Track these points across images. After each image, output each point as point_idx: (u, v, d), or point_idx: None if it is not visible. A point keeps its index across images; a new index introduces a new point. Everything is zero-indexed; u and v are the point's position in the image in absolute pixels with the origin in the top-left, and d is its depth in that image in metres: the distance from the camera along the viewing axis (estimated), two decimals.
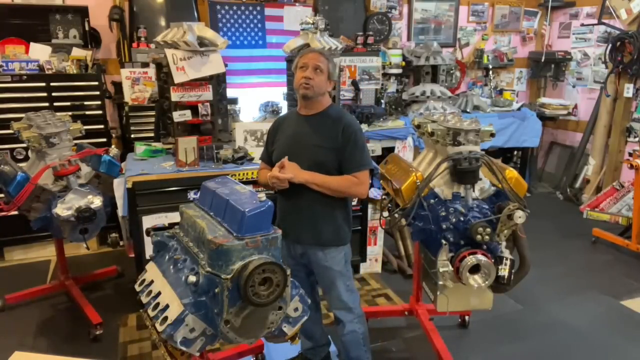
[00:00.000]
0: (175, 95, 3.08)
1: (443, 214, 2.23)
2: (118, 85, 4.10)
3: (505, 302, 3.23)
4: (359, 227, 3.52)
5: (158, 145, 3.34)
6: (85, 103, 3.81)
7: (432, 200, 2.27)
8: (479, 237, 2.11)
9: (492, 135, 2.33)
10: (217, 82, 3.24)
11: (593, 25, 5.39)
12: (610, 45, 5.04)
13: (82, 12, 4.06)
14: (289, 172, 2.12)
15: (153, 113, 3.53)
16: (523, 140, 5.20)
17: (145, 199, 2.89)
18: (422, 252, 2.52)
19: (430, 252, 2.33)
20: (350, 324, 2.31)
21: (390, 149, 4.28)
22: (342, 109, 2.37)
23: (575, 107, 5.77)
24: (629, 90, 5.02)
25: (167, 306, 1.66)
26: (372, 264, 3.76)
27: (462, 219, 2.20)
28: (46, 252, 3.98)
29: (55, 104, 3.67)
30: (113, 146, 3.59)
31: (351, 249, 2.37)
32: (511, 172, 2.31)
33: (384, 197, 2.74)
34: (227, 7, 4.65)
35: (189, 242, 1.79)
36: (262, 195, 1.68)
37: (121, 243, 3.89)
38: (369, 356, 2.40)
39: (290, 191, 2.20)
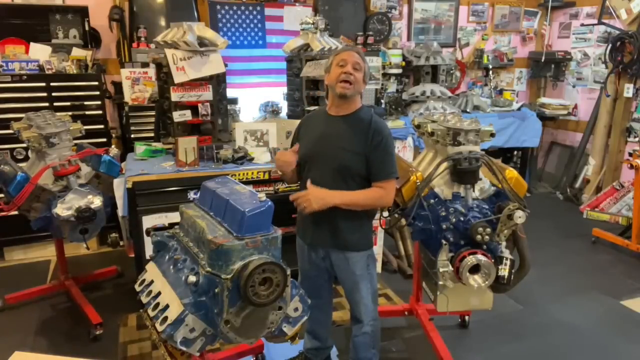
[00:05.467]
0: (175, 95, 3.07)
1: (443, 214, 2.23)
2: (118, 85, 4.10)
3: (505, 302, 3.23)
4: None
5: (158, 145, 3.34)
6: (85, 103, 3.81)
7: (432, 200, 2.27)
8: (479, 237, 2.11)
9: (492, 135, 2.33)
10: (217, 82, 3.24)
11: (593, 25, 5.39)
12: (610, 45, 5.04)
13: (82, 12, 4.06)
14: (315, 204, 2.03)
15: (153, 113, 3.53)
16: (523, 140, 5.20)
17: (145, 199, 2.89)
18: (422, 252, 2.52)
19: (430, 252, 2.33)
20: (367, 326, 2.30)
21: None
22: (372, 111, 2.27)
23: (575, 107, 5.77)
24: (629, 90, 5.02)
25: (167, 306, 1.66)
26: None
27: (462, 219, 2.20)
28: (46, 252, 3.98)
29: (55, 104, 3.67)
30: (113, 146, 3.59)
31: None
32: (511, 172, 2.31)
33: None
34: (227, 7, 4.65)
35: (189, 242, 1.79)
36: (262, 195, 1.68)
37: (121, 243, 3.89)
38: (377, 359, 2.40)
39: None
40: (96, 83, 3.86)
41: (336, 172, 2.13)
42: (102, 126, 3.90)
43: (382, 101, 4.75)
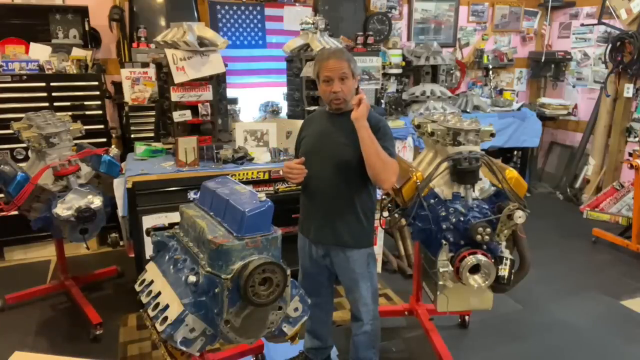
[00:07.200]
0: (175, 95, 3.08)
1: (443, 214, 2.23)
2: (118, 85, 4.10)
3: (505, 302, 3.23)
4: None
5: (158, 145, 3.34)
6: (85, 103, 3.81)
7: (432, 200, 2.27)
8: (479, 237, 2.11)
9: (492, 135, 2.33)
10: (217, 82, 3.24)
11: (593, 25, 5.39)
12: (610, 45, 5.04)
13: (82, 12, 4.06)
14: (365, 112, 2.01)
15: (153, 113, 3.53)
16: (523, 140, 5.20)
17: (145, 199, 2.89)
18: (422, 252, 2.52)
19: (430, 252, 2.33)
20: (366, 325, 2.31)
21: None
22: (371, 110, 2.27)
23: (575, 107, 5.77)
24: (629, 90, 5.02)
25: (167, 306, 1.66)
26: None
27: (462, 219, 2.20)
28: (46, 252, 3.98)
29: (55, 104, 3.67)
30: (113, 146, 3.59)
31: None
32: (511, 172, 2.31)
33: (384, 197, 2.74)
34: (227, 7, 4.65)
35: (189, 242, 1.80)
36: (262, 195, 1.68)
37: (121, 243, 3.89)
38: (377, 358, 2.41)
39: (313, 191, 2.21)
40: (96, 83, 3.85)
41: (337, 167, 2.15)
42: (102, 126, 3.90)
43: (382, 101, 4.75)
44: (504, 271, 2.19)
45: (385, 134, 2.16)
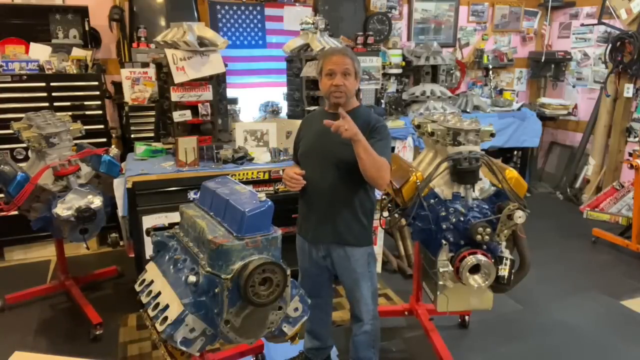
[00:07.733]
0: (175, 95, 3.07)
1: (443, 214, 2.23)
2: (118, 85, 4.10)
3: (505, 302, 3.22)
4: None
5: (158, 145, 3.34)
6: (85, 103, 3.81)
7: (432, 200, 2.27)
8: (479, 237, 2.11)
9: (492, 135, 2.33)
10: (217, 82, 3.24)
11: (593, 25, 5.39)
12: (610, 45, 5.04)
13: (82, 12, 4.06)
14: (348, 125, 1.96)
15: (153, 113, 3.53)
16: (523, 140, 5.20)
17: (145, 199, 2.89)
18: (422, 252, 2.52)
19: (430, 252, 2.33)
20: (367, 325, 2.32)
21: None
22: (370, 111, 2.31)
23: (575, 107, 5.77)
24: (629, 90, 5.02)
25: (167, 306, 1.66)
26: None
27: (462, 219, 2.20)
28: (46, 252, 3.98)
29: (55, 104, 3.67)
30: (113, 146, 3.59)
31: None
32: (511, 172, 2.31)
33: (384, 197, 2.74)
34: (227, 7, 4.65)
35: (189, 242, 1.80)
36: (262, 195, 1.68)
37: (121, 243, 3.89)
38: (377, 358, 2.41)
39: (312, 191, 2.21)
40: (96, 83, 3.85)
41: (335, 166, 2.15)
42: (102, 126, 3.90)
43: (382, 101, 4.75)
44: (504, 271, 2.19)
45: (381, 133, 2.16)
